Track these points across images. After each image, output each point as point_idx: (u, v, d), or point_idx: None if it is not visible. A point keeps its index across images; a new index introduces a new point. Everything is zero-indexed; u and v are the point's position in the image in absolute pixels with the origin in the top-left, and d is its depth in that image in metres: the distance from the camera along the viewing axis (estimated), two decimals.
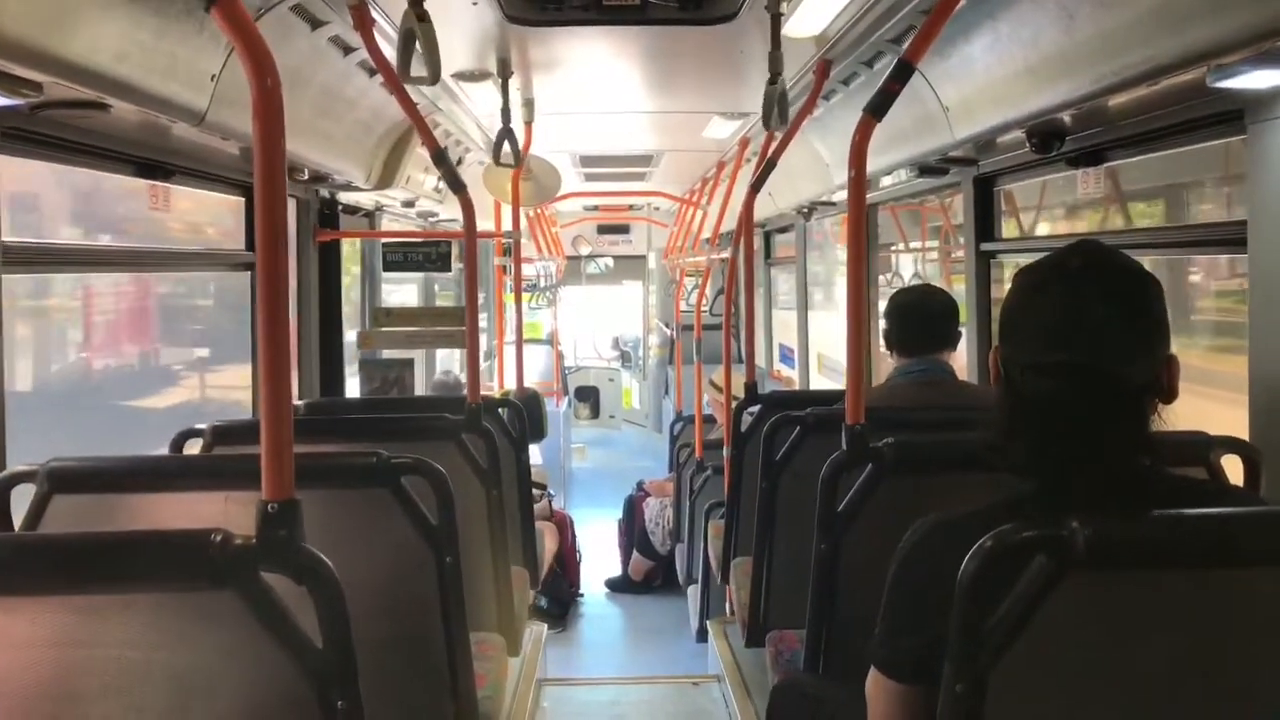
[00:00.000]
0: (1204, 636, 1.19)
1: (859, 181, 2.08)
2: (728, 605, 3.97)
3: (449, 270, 5.20)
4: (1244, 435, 1.99)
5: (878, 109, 2.04)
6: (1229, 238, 2.22)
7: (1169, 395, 1.33)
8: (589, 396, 12.28)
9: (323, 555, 1.25)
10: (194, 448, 2.47)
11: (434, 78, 2.47)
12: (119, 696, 1.23)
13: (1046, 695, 1.20)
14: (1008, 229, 3.67)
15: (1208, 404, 2.89)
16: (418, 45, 2.44)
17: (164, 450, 2.49)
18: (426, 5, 2.37)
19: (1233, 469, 1.90)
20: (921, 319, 2.89)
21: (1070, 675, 1.18)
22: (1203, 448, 1.87)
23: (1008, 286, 1.73)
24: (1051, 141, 2.71)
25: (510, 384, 4.74)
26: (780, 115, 3.03)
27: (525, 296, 7.10)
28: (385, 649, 1.90)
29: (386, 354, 4.67)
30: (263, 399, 1.27)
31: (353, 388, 4.63)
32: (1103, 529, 1.13)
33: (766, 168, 3.53)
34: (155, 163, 2.82)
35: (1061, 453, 1.32)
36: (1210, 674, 1.20)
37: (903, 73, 2.02)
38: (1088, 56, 2.11)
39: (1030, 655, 1.16)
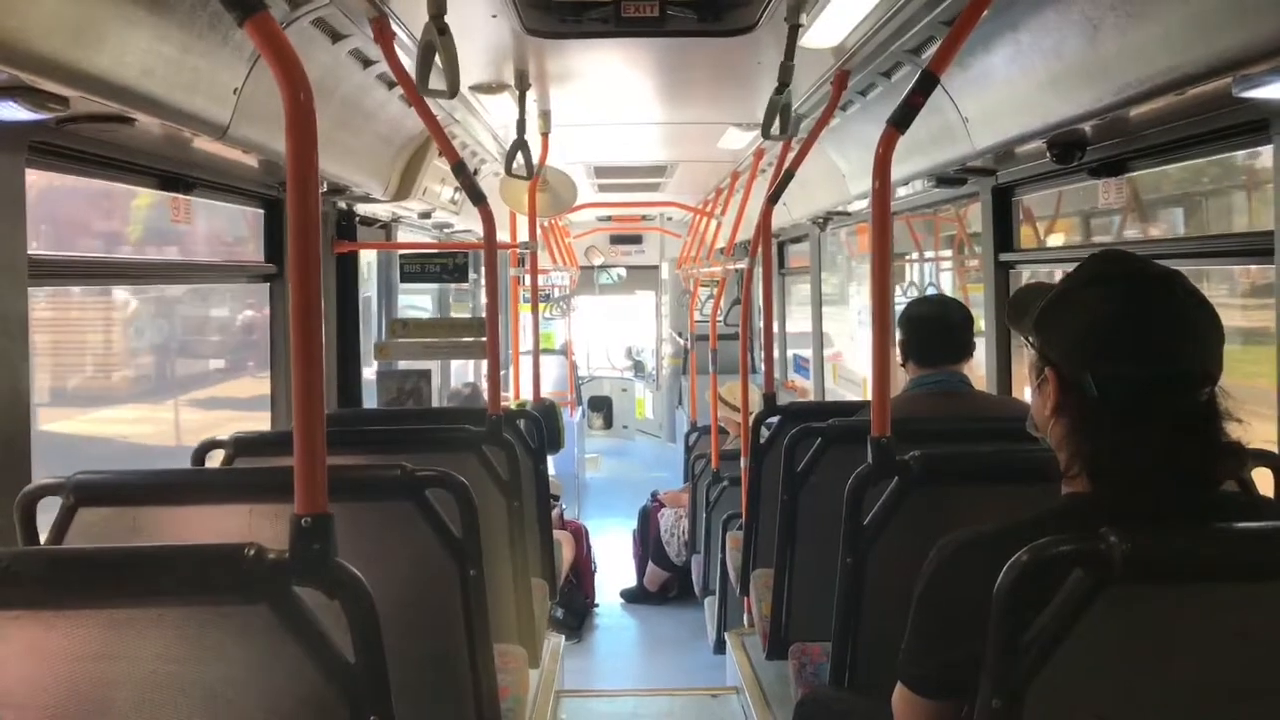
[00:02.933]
0: (1245, 653, 1.18)
1: (883, 193, 2.08)
2: (745, 617, 3.95)
3: (465, 281, 5.21)
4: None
5: (901, 121, 2.03)
6: (1255, 248, 2.21)
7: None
8: (602, 407, 12.29)
9: (356, 570, 1.25)
10: (215, 459, 2.48)
11: (453, 91, 2.47)
12: (152, 710, 1.23)
13: (1085, 711, 1.18)
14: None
15: None
16: (437, 59, 2.45)
17: (187, 462, 2.49)
18: (446, 19, 2.38)
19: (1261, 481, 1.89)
20: (939, 330, 2.86)
21: (1109, 691, 1.17)
22: None
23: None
24: (1072, 151, 2.71)
25: (526, 394, 4.75)
26: (782, 125, 3.01)
27: (540, 307, 7.12)
28: (409, 662, 1.89)
29: (403, 365, 4.68)
30: (295, 412, 1.26)
31: (368, 399, 4.64)
32: (1140, 543, 1.12)
33: (784, 179, 3.53)
34: (177, 175, 2.84)
35: (1168, 461, 1.28)
36: (1252, 690, 1.18)
37: (927, 84, 2.01)
38: (1112, 66, 2.10)
39: (1068, 671, 1.15)
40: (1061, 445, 1.38)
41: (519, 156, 3.91)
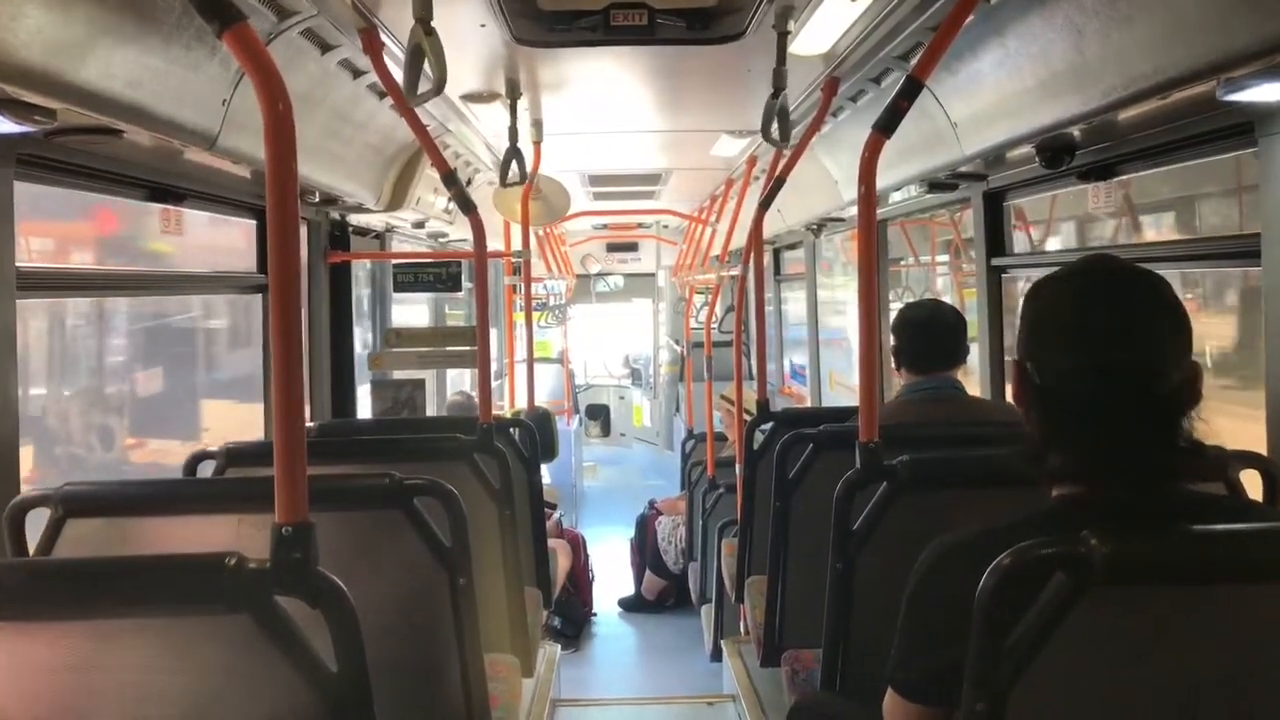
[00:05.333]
0: (1226, 654, 1.18)
1: (869, 198, 2.08)
2: (742, 624, 3.95)
3: (459, 290, 5.21)
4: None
5: (886, 126, 2.04)
6: (1242, 250, 2.22)
7: (1195, 397, 1.32)
8: (600, 415, 12.28)
9: (336, 579, 1.24)
10: (207, 470, 2.48)
11: (439, 88, 2.45)
12: None
13: (1068, 714, 1.18)
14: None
15: None
16: (425, 65, 2.44)
17: (178, 472, 2.49)
18: (435, 25, 2.38)
19: (1250, 484, 1.89)
20: (931, 336, 2.84)
21: (1092, 694, 1.17)
22: (1221, 463, 1.85)
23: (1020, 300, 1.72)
24: (1061, 156, 2.71)
25: (521, 403, 4.75)
26: (781, 130, 3.02)
27: (535, 315, 7.11)
28: (398, 671, 1.89)
29: (397, 374, 4.68)
30: (275, 421, 1.27)
31: (364, 409, 4.64)
32: (1121, 546, 1.12)
33: (775, 185, 3.53)
34: (167, 187, 2.84)
35: (1107, 453, 1.29)
36: (1233, 692, 1.18)
37: (911, 89, 2.02)
38: (1097, 71, 2.11)
39: (1051, 674, 1.15)
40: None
41: (513, 166, 3.91)
